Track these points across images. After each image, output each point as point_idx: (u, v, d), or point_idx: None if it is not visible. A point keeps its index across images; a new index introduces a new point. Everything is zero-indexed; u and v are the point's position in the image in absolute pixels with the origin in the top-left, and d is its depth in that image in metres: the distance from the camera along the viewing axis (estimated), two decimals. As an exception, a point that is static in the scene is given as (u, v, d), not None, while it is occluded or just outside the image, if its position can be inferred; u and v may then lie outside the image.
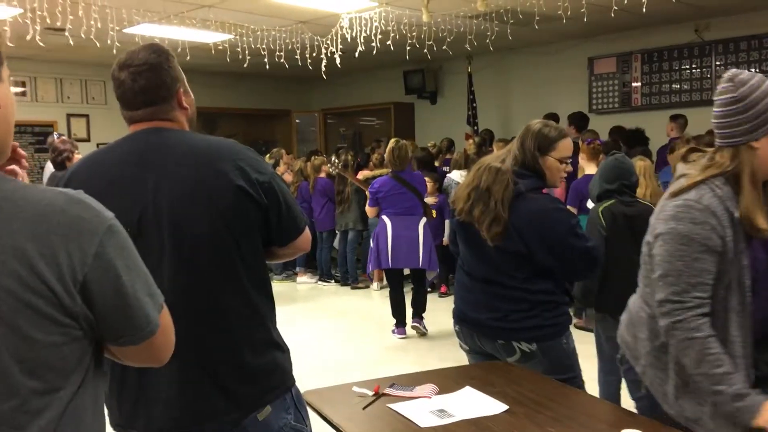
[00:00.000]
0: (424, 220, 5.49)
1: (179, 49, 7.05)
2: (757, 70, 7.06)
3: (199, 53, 7.80)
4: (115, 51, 6.30)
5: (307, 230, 1.81)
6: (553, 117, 7.72)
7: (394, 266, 5.45)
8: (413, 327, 5.61)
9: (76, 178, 1.67)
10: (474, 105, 9.07)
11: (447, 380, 2.23)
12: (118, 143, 1.69)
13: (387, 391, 2.14)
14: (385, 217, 5.48)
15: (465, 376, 2.27)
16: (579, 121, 7.08)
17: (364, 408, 2.03)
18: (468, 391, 2.12)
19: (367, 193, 6.06)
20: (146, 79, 1.62)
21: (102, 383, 1.14)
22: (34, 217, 1.00)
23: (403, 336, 5.57)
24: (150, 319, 1.10)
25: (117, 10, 5.86)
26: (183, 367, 1.57)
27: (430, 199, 5.83)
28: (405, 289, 5.69)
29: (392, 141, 5.64)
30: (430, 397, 2.09)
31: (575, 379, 2.48)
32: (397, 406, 2.01)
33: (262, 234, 1.69)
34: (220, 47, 7.30)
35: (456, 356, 4.92)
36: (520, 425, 1.84)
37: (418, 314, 5.64)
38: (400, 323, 5.59)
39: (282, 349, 1.77)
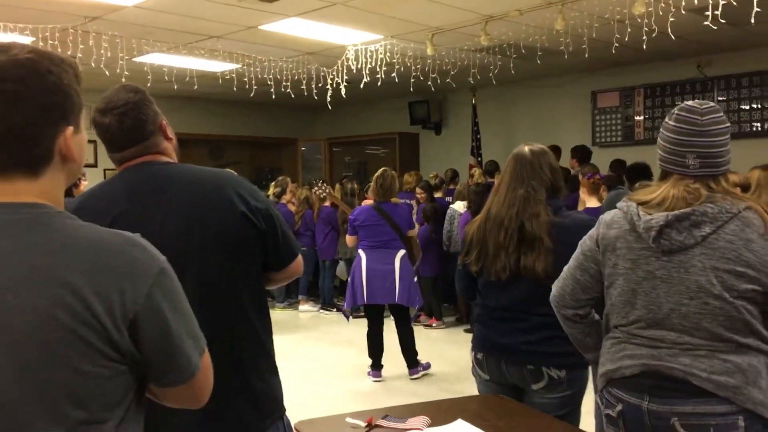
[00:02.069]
0: (401, 253, 5.22)
1: (187, 78, 7.17)
2: (759, 107, 7.12)
3: (206, 82, 7.92)
4: (124, 79, 6.41)
5: (300, 256, 1.85)
6: (555, 149, 7.79)
7: (369, 302, 5.19)
8: (413, 378, 5.34)
9: (78, 215, 1.71)
10: (478, 136, 9.15)
11: (440, 413, 2.23)
12: (116, 178, 1.73)
13: (379, 422, 2.15)
14: (360, 251, 5.25)
15: (458, 409, 2.28)
16: (581, 154, 7.13)
17: (356, 439, 2.03)
18: (459, 424, 2.13)
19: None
20: (132, 118, 1.67)
21: (141, 420, 1.16)
22: (91, 256, 1.05)
23: (379, 379, 5.30)
24: (191, 361, 1.14)
25: (127, 39, 5.98)
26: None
27: (412, 232, 5.53)
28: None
29: (380, 170, 5.42)
30: (421, 429, 2.09)
31: (575, 412, 2.49)
32: (389, 438, 2.02)
33: (262, 260, 1.74)
34: (227, 76, 7.42)
35: (456, 388, 4.94)
36: (510, 459, 1.85)
37: (412, 364, 5.37)
38: (376, 365, 5.34)
39: (277, 375, 1.80)
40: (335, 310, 7.86)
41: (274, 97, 7.61)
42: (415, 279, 5.37)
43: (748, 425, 1.68)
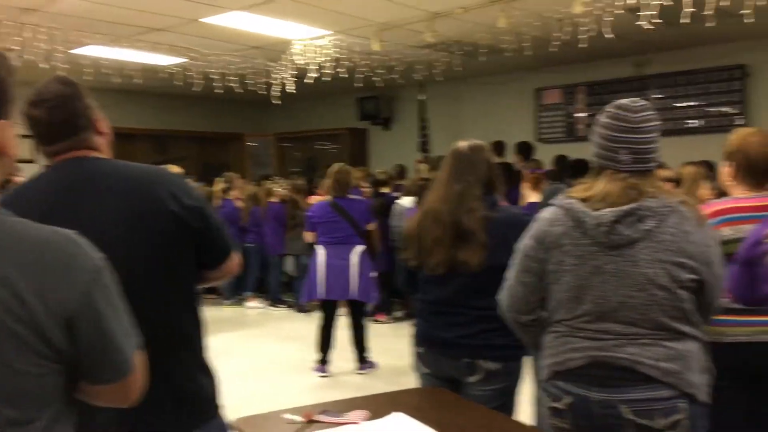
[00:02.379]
0: (359, 248, 5.28)
1: (128, 72, 7.02)
2: (694, 104, 7.38)
3: (150, 75, 7.77)
4: (62, 72, 6.24)
5: (236, 254, 1.84)
6: (500, 145, 7.91)
7: (327, 297, 5.25)
8: (360, 373, 5.40)
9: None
10: (426, 132, 9.22)
11: (379, 406, 2.26)
12: (45, 173, 1.69)
13: (317, 417, 2.16)
14: (318, 246, 5.32)
15: (397, 402, 2.31)
16: (525, 149, 7.26)
17: (293, 435, 2.04)
18: (397, 417, 2.16)
19: None
20: (63, 111, 1.63)
21: (72, 421, 1.15)
22: (28, 253, 1.03)
23: (325, 374, 5.32)
24: (127, 359, 1.13)
25: (65, 32, 5.82)
26: None
27: (372, 226, 5.57)
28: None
29: (336, 165, 5.49)
30: (358, 423, 2.11)
31: (511, 402, 2.54)
32: (327, 433, 2.03)
33: (195, 258, 1.72)
34: (171, 70, 7.29)
35: (402, 381, 4.97)
36: (444, 450, 1.89)
37: (361, 358, 5.45)
38: (323, 360, 5.36)
39: (211, 374, 1.79)
40: (284, 306, 7.82)
41: (220, 92, 7.53)
42: (376, 274, 5.40)
43: (687, 407, 1.80)
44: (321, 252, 5.27)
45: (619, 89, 7.86)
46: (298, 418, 2.15)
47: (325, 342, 5.36)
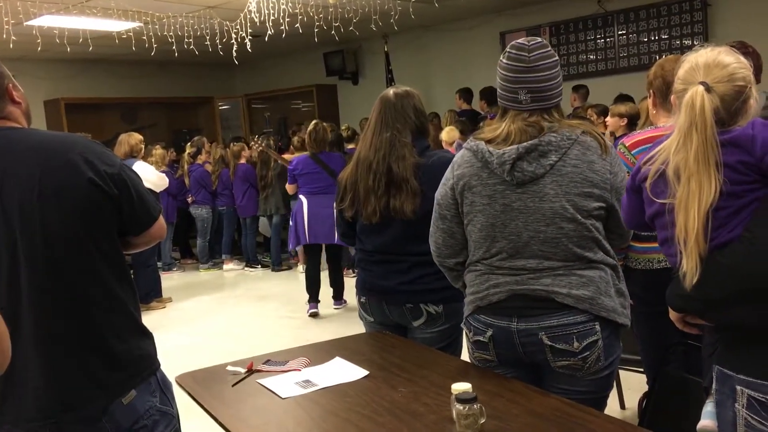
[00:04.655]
0: None
1: (80, 40, 6.89)
2: (656, 38, 7.34)
3: (104, 42, 7.63)
4: (11, 45, 6.12)
5: (161, 219, 1.84)
6: (467, 92, 7.89)
7: (312, 241, 5.71)
8: (336, 309, 5.87)
9: None
10: (393, 84, 9.14)
11: (320, 353, 2.32)
12: None
13: (260, 367, 2.21)
14: (301, 196, 5.74)
15: (339, 348, 2.37)
16: (489, 95, 7.23)
17: (233, 385, 2.09)
18: (337, 361, 2.21)
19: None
20: None
21: None
22: None
23: (315, 310, 5.76)
24: None
25: (11, 3, 5.69)
26: (51, 359, 1.63)
27: None
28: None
29: (312, 123, 5.83)
30: (299, 370, 2.17)
31: (457, 342, 2.60)
32: (266, 381, 2.09)
33: (116, 224, 1.73)
34: (125, 36, 7.15)
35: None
36: (374, 387, 1.95)
37: (337, 296, 5.91)
38: (313, 299, 5.79)
39: (146, 334, 1.81)
40: (260, 266, 7.88)
41: (186, 55, 7.42)
42: None
43: (602, 329, 1.88)
44: (304, 201, 5.70)
45: (583, 27, 7.81)
46: (241, 369, 2.20)
47: (313, 283, 5.77)
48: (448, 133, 6.02)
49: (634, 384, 3.35)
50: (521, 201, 1.89)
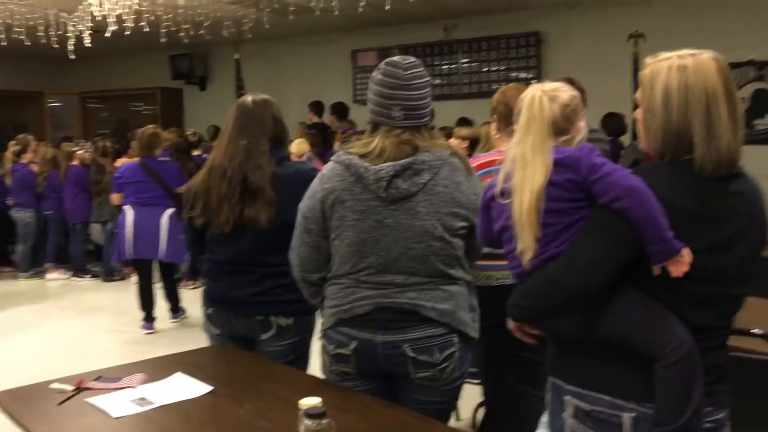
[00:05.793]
0: (169, 211, 5.30)
1: None
2: (496, 68, 7.83)
3: None
4: None
5: None
6: (318, 105, 7.93)
7: (137, 256, 5.32)
8: (173, 322, 5.59)
9: None
10: (242, 92, 8.97)
11: (159, 368, 2.19)
12: None
13: (90, 384, 2.05)
14: (126, 207, 5.31)
15: (180, 362, 2.25)
16: (340, 110, 7.33)
17: (59, 404, 1.92)
18: (178, 377, 2.10)
19: None
20: None
21: None
22: None
23: (151, 331, 5.39)
24: None
25: None
26: None
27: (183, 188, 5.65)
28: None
29: (146, 127, 5.51)
30: (135, 387, 2.03)
31: (304, 356, 2.57)
32: (96, 400, 1.93)
33: None
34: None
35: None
36: (218, 404, 1.88)
37: (173, 309, 5.63)
38: (148, 317, 5.42)
39: None
40: (89, 276, 7.35)
41: (6, 43, 6.78)
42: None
43: (459, 341, 1.97)
44: (129, 213, 5.27)
45: (430, 53, 8.14)
46: (68, 387, 2.02)
47: (147, 300, 5.40)
48: (298, 146, 5.99)
49: (466, 395, 3.49)
50: (393, 218, 1.91)
